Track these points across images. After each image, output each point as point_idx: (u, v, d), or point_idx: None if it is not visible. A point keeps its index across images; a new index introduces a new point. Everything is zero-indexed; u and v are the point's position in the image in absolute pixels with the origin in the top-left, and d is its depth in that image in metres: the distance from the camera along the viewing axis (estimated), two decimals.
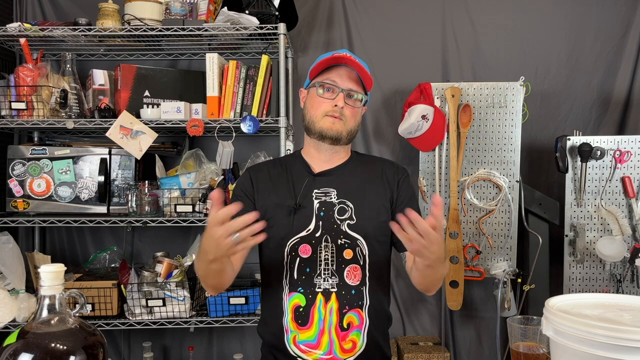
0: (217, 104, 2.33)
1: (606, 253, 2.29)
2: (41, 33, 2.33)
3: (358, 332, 1.46)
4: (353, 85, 1.51)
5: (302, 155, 1.60)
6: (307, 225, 1.48)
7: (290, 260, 1.48)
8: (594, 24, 2.68)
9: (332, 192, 1.51)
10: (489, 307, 2.68)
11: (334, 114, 1.49)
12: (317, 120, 1.51)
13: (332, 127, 1.50)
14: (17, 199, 2.32)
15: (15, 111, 2.30)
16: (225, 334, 2.72)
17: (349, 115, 1.51)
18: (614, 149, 2.35)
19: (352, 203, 1.50)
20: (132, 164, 2.39)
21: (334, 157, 1.57)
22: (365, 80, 1.52)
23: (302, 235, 1.48)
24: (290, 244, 1.48)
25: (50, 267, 0.90)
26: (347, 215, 1.49)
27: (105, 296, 2.26)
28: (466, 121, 2.44)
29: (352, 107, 1.52)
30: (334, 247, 1.47)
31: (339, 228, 1.48)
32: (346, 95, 1.51)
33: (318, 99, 1.52)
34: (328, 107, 1.50)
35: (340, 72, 1.51)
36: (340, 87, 1.50)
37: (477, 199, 2.47)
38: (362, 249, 1.49)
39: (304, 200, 1.50)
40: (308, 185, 1.52)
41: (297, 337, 1.45)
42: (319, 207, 1.50)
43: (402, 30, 2.73)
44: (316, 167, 1.56)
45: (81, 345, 0.88)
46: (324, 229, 1.48)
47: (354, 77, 1.51)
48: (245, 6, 2.32)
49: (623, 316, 1.07)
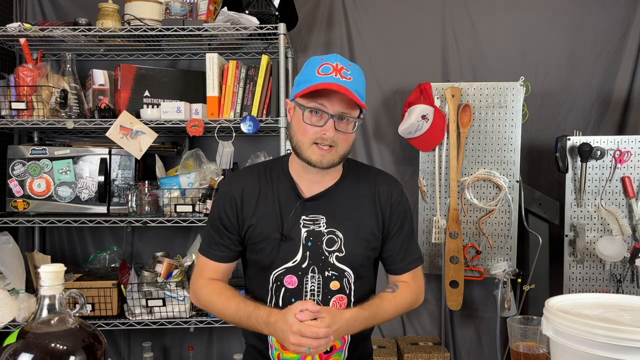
0: (217, 104, 2.33)
1: (606, 253, 2.29)
2: (41, 33, 2.33)
3: (340, 353, 1.45)
4: (345, 107, 1.34)
5: (290, 173, 1.47)
6: (294, 257, 1.41)
7: (275, 288, 1.43)
8: (594, 24, 2.68)
9: (322, 220, 1.42)
10: (489, 307, 2.68)
11: (323, 145, 1.35)
12: (304, 148, 1.37)
13: (321, 161, 1.36)
14: (17, 199, 2.32)
15: (15, 111, 2.30)
16: (225, 334, 2.72)
17: (341, 141, 1.36)
18: (614, 149, 2.34)
19: (341, 233, 1.42)
20: (132, 164, 2.40)
21: (324, 178, 1.45)
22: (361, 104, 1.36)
23: (287, 266, 1.41)
24: (275, 273, 1.42)
25: (50, 267, 0.90)
26: (335, 247, 1.42)
27: (105, 296, 2.26)
28: (466, 121, 2.44)
29: (345, 133, 1.36)
30: (320, 278, 1.41)
31: (326, 260, 1.41)
32: (337, 118, 1.35)
33: (304, 125, 1.36)
34: (316, 135, 1.35)
35: (330, 94, 1.33)
36: (329, 112, 1.33)
37: (477, 199, 2.47)
38: (349, 280, 1.43)
39: (292, 230, 1.41)
40: (296, 212, 1.42)
41: (282, 355, 1.43)
42: (307, 237, 1.41)
43: (402, 30, 2.73)
44: (305, 190, 1.44)
45: (81, 345, 0.88)
46: (310, 260, 1.41)
47: (346, 97, 1.33)
48: (245, 6, 2.32)
49: (623, 316, 1.07)
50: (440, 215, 2.48)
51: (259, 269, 1.45)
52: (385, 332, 2.74)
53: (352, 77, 1.34)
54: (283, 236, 1.41)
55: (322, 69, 1.35)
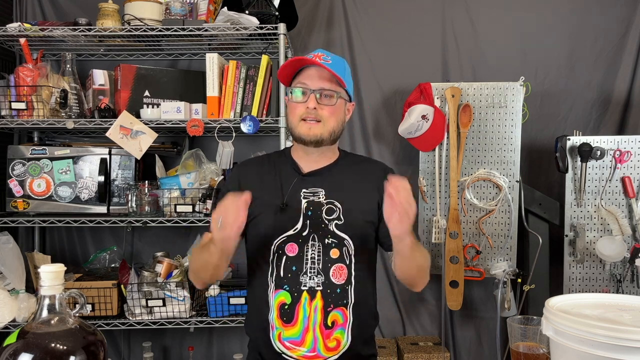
0: (217, 104, 2.33)
1: (606, 253, 2.29)
2: (41, 33, 2.33)
3: (342, 331, 1.47)
4: (326, 83, 1.48)
5: (291, 155, 1.59)
6: (295, 224, 1.48)
7: (276, 258, 1.48)
8: (594, 24, 2.68)
9: (321, 192, 1.51)
10: (489, 307, 2.68)
11: (309, 117, 1.48)
12: (294, 125, 1.50)
13: (309, 133, 1.48)
14: (17, 199, 2.32)
15: (15, 111, 2.30)
16: (225, 334, 2.72)
17: (326, 115, 1.48)
18: (614, 149, 2.35)
19: (340, 203, 1.50)
20: (132, 164, 2.39)
21: (321, 158, 1.56)
22: (338, 78, 1.48)
23: (289, 234, 1.48)
24: (277, 242, 1.48)
25: (50, 267, 0.90)
26: (335, 215, 1.49)
27: (105, 296, 2.26)
28: (466, 121, 2.44)
29: (329, 106, 1.49)
30: (320, 246, 1.47)
31: (326, 227, 1.48)
32: (319, 95, 1.48)
33: (292, 104, 1.51)
34: (302, 110, 1.48)
35: (311, 73, 1.49)
36: (310, 88, 1.48)
37: (477, 199, 2.47)
38: (349, 249, 1.49)
39: (292, 200, 1.50)
40: (296, 184, 1.52)
41: (282, 333, 1.46)
42: (307, 207, 1.49)
43: (402, 30, 2.73)
44: (305, 167, 1.56)
45: (81, 345, 0.88)
46: (311, 228, 1.48)
47: (326, 75, 1.48)
48: (245, 6, 2.32)
49: (623, 316, 1.07)
50: (440, 215, 2.48)
51: (260, 243, 1.50)
52: (385, 332, 2.74)
53: (331, 61, 1.48)
54: (283, 204, 1.49)
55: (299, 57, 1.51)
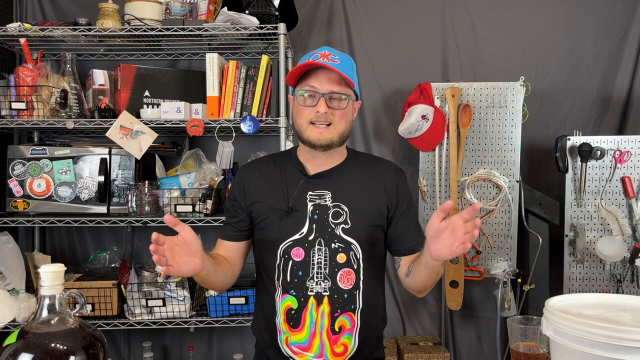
0: (217, 104, 2.33)
1: (606, 253, 2.29)
2: (41, 33, 2.33)
3: (349, 336, 1.46)
4: (335, 86, 1.44)
5: (297, 156, 1.56)
6: (300, 229, 1.46)
7: (283, 262, 1.46)
8: (594, 24, 2.68)
9: (327, 195, 1.48)
10: (489, 307, 2.68)
11: (319, 122, 1.44)
12: (303, 129, 1.47)
13: (320, 138, 1.45)
14: (17, 199, 2.32)
15: (15, 111, 2.30)
16: (225, 334, 2.72)
17: (337, 119, 1.46)
18: (614, 149, 2.35)
19: (346, 207, 1.47)
20: (132, 164, 2.39)
21: (328, 160, 1.53)
22: (348, 80, 1.45)
23: (295, 239, 1.46)
24: (283, 246, 1.46)
25: (50, 267, 0.90)
26: (341, 219, 1.46)
27: (105, 296, 2.26)
28: (466, 121, 2.44)
29: (339, 110, 1.46)
30: (327, 250, 1.45)
31: (333, 232, 1.45)
32: (329, 98, 1.45)
33: (300, 107, 1.47)
34: (311, 114, 1.45)
35: (319, 76, 1.44)
36: (320, 92, 1.44)
37: (477, 199, 2.47)
38: (357, 253, 1.47)
39: (298, 203, 1.47)
40: (302, 187, 1.49)
41: (290, 338, 1.45)
42: (313, 210, 1.47)
43: (402, 30, 2.73)
44: (311, 169, 1.53)
45: (81, 345, 0.88)
46: (317, 232, 1.45)
47: (334, 77, 1.44)
48: (245, 6, 2.32)
49: (623, 316, 1.06)
50: None
51: (266, 248, 1.49)
52: (385, 332, 2.72)
53: (339, 61, 1.45)
54: (289, 208, 1.47)
55: (312, 57, 1.46)
